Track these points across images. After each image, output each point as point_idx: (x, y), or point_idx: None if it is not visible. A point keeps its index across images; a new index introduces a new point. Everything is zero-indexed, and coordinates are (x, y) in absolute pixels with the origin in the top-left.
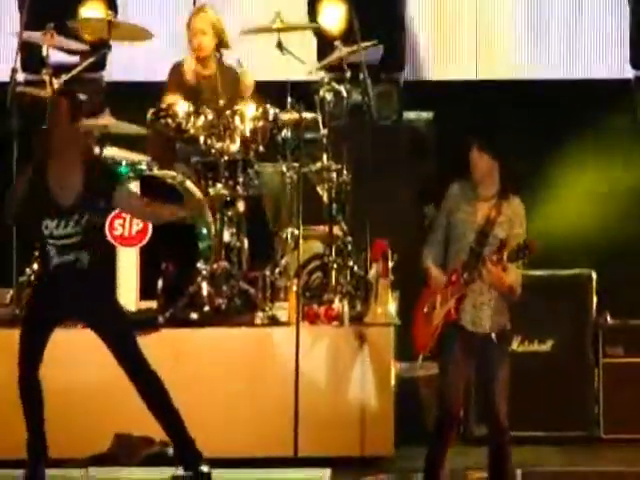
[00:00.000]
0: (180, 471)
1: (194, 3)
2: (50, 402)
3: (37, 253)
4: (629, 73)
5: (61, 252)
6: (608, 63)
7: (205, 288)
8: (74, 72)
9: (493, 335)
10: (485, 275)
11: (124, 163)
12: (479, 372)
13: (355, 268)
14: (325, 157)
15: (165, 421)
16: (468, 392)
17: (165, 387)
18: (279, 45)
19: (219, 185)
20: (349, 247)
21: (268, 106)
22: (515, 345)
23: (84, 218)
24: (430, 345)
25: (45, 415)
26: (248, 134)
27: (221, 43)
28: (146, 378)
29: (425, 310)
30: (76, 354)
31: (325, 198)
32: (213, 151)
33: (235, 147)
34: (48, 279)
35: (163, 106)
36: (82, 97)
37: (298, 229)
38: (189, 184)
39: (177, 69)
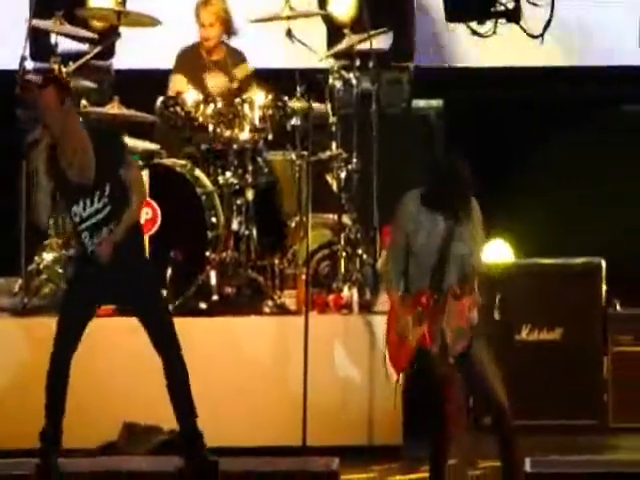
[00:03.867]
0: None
1: None
2: None
3: (47, 241)
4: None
5: (93, 234)
6: (627, 49)
7: (214, 277)
8: (83, 60)
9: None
10: (449, 310)
11: (133, 151)
12: (469, 377)
13: (364, 256)
14: (334, 145)
15: (180, 408)
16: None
17: (188, 376)
18: (288, 33)
19: (228, 173)
20: (358, 235)
21: (277, 94)
22: (524, 333)
23: (106, 190)
24: (406, 367)
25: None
26: (257, 122)
27: (229, 31)
28: (176, 360)
29: (398, 331)
30: (82, 343)
31: (334, 186)
32: (222, 139)
33: (244, 135)
34: (88, 264)
35: (172, 94)
36: (92, 85)
37: (307, 217)
38: (198, 172)
39: (185, 54)
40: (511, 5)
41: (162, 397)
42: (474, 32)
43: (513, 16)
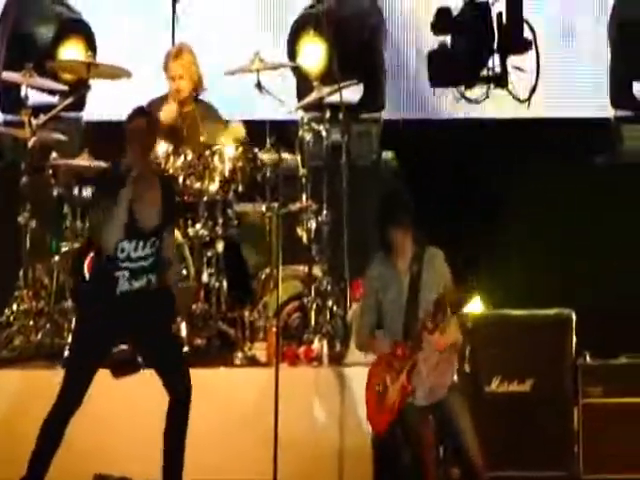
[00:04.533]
0: None
1: (173, 42)
2: (29, 441)
3: (18, 293)
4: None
5: (133, 276)
6: (588, 102)
7: (184, 328)
8: (53, 112)
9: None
10: (426, 346)
11: None
12: (442, 427)
13: (334, 308)
14: (304, 197)
15: (172, 457)
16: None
17: (187, 426)
18: (258, 85)
19: (198, 225)
20: (328, 287)
21: (247, 146)
22: (494, 385)
23: (158, 241)
24: (389, 424)
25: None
26: (227, 174)
27: (197, 85)
28: (184, 406)
29: (377, 390)
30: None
31: (304, 238)
32: (192, 191)
33: (214, 187)
34: (110, 306)
35: None
36: (62, 137)
37: (277, 269)
38: None
39: (154, 105)
40: (498, 70)
41: (134, 449)
42: (463, 96)
43: (500, 81)
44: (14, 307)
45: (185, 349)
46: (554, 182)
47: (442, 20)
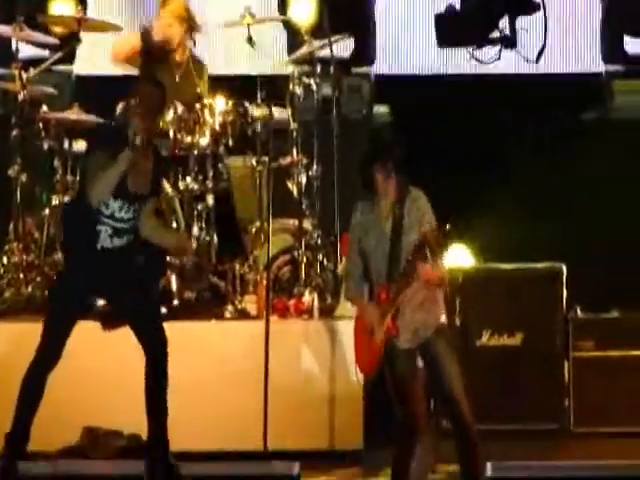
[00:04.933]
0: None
1: None
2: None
3: (8, 246)
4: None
5: (115, 234)
6: (579, 57)
7: (174, 282)
8: (44, 66)
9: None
10: (419, 275)
11: None
12: (429, 372)
13: (325, 261)
14: (295, 151)
15: (155, 412)
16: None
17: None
18: (249, 39)
19: (188, 179)
20: (319, 241)
21: (238, 100)
22: (485, 339)
23: (140, 208)
24: (375, 366)
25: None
26: (218, 128)
27: (191, 29)
28: (163, 363)
29: (364, 333)
30: None
31: (295, 192)
32: (183, 145)
33: (205, 141)
34: (91, 260)
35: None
36: (52, 91)
37: (268, 223)
38: None
39: (148, 34)
40: (508, 31)
41: (122, 401)
42: (473, 56)
43: (509, 42)
44: (4, 260)
45: (175, 302)
46: (544, 137)
47: None
